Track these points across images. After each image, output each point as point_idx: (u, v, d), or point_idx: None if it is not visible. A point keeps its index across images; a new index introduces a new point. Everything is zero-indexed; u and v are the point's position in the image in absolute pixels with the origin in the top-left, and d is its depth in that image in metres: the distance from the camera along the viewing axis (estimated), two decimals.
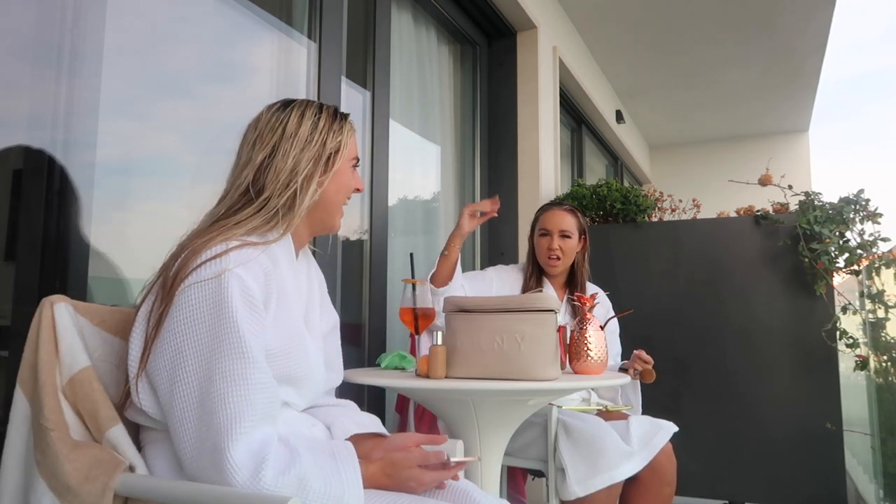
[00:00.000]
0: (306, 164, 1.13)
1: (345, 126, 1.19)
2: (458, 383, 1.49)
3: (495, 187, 3.49)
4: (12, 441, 1.02)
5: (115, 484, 0.93)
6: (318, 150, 1.14)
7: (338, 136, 1.17)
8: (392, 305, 2.55)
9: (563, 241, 2.21)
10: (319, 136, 1.15)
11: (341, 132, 1.18)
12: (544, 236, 2.24)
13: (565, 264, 2.25)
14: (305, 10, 2.25)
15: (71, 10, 1.47)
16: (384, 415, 2.49)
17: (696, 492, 2.86)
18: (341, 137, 1.17)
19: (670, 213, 3.32)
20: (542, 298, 1.55)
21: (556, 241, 2.21)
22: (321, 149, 1.14)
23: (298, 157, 1.12)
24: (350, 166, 1.21)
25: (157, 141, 1.75)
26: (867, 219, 2.69)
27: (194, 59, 1.89)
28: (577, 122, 4.97)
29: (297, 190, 1.11)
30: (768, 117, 6.39)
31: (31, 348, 1.03)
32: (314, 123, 1.16)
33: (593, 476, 1.79)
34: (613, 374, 1.78)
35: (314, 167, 1.13)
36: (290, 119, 1.14)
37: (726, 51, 4.78)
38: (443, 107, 3.19)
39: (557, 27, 3.97)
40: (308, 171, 1.12)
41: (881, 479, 2.78)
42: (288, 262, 1.14)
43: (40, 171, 1.41)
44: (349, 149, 1.20)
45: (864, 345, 2.72)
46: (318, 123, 1.16)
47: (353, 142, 1.22)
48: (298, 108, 1.16)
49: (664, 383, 2.96)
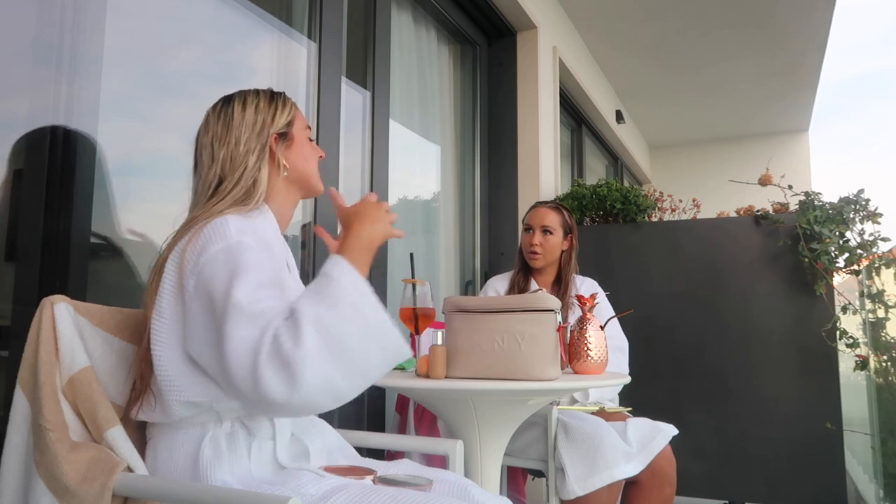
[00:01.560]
0: (256, 142, 1.21)
1: (287, 102, 1.28)
2: (458, 383, 1.49)
3: (495, 187, 3.49)
4: (12, 441, 1.02)
5: (114, 484, 0.93)
6: (268, 129, 1.22)
7: (283, 111, 1.25)
8: (392, 305, 2.56)
9: (544, 237, 2.29)
10: (265, 117, 1.23)
11: (285, 107, 1.26)
12: (527, 231, 2.33)
13: (547, 260, 2.30)
14: (305, 10, 2.25)
15: (71, 10, 1.47)
16: (384, 415, 2.50)
17: (696, 492, 2.86)
18: (287, 111, 1.26)
19: (670, 213, 3.32)
20: (542, 298, 1.55)
21: (538, 236, 2.29)
22: (271, 127, 1.23)
23: (253, 142, 1.21)
24: (306, 136, 1.29)
25: (157, 141, 1.75)
26: (867, 219, 2.69)
27: (194, 60, 1.89)
28: (577, 122, 4.97)
29: (260, 167, 1.20)
30: (768, 117, 6.39)
31: (31, 348, 1.03)
32: (256, 107, 1.24)
33: (592, 475, 1.79)
34: (613, 375, 1.78)
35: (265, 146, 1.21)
36: (235, 111, 1.22)
37: (726, 51, 4.78)
38: (443, 107, 3.19)
39: (557, 27, 3.97)
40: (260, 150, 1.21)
41: (881, 479, 2.78)
42: (274, 233, 1.21)
43: (40, 171, 1.41)
44: (299, 119, 1.29)
45: (864, 345, 2.72)
46: (258, 106, 1.24)
47: (300, 113, 1.30)
48: (239, 99, 1.24)
49: (664, 383, 2.97)
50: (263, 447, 1.11)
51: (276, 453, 1.12)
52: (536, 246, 2.28)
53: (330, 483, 1.07)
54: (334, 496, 1.01)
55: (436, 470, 1.25)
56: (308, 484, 1.04)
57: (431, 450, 1.51)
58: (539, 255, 2.28)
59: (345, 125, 2.35)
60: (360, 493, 1.02)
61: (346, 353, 0.93)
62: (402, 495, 1.01)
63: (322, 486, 1.05)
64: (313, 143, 1.32)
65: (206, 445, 1.05)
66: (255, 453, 1.09)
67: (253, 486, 1.03)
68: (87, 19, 1.49)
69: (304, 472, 1.09)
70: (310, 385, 0.90)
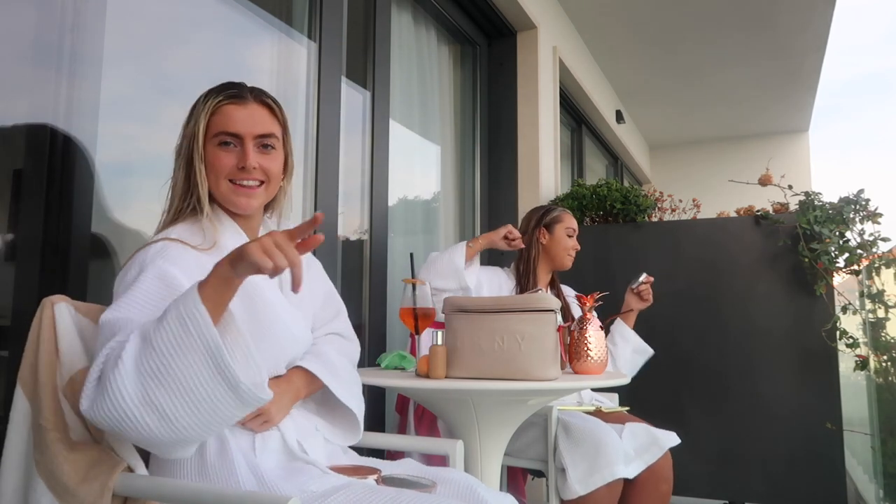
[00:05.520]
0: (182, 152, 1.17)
1: (207, 104, 1.15)
2: (458, 383, 1.48)
3: (495, 187, 3.49)
4: (12, 441, 1.02)
5: (114, 484, 0.93)
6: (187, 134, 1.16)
7: (196, 115, 1.15)
8: (392, 305, 2.55)
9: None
10: (189, 123, 1.17)
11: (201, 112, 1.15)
12: (571, 236, 2.34)
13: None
14: (305, 10, 2.25)
15: (71, 11, 1.46)
16: (384, 415, 2.50)
17: (696, 492, 2.86)
18: (198, 117, 1.15)
19: (670, 214, 3.32)
20: (542, 298, 1.55)
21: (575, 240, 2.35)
22: (190, 132, 1.15)
23: (179, 145, 1.18)
24: (215, 144, 1.15)
25: (157, 142, 1.75)
26: (867, 219, 2.68)
27: (194, 60, 1.89)
28: (577, 122, 4.97)
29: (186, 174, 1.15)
30: (768, 117, 6.39)
31: (32, 348, 1.03)
32: (192, 108, 1.18)
33: (593, 474, 1.79)
34: (613, 375, 1.78)
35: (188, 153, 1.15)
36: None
37: (726, 51, 4.78)
38: (443, 107, 3.19)
39: (557, 27, 3.97)
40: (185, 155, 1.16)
41: (881, 479, 2.78)
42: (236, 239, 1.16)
43: (40, 171, 1.41)
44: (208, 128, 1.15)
45: (864, 345, 2.71)
46: (192, 109, 1.18)
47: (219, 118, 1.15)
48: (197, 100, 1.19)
49: (664, 383, 2.97)
50: (268, 437, 1.12)
51: (287, 441, 1.12)
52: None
53: (332, 481, 1.07)
54: (336, 494, 1.02)
55: (441, 469, 1.25)
56: (311, 481, 1.05)
57: (431, 450, 1.51)
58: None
59: (345, 125, 2.34)
60: (361, 492, 1.02)
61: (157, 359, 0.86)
62: (402, 496, 1.01)
63: (324, 483, 1.06)
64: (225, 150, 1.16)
65: (210, 440, 1.05)
66: (260, 444, 1.10)
67: (259, 477, 1.04)
68: (87, 19, 1.49)
69: (310, 468, 1.10)
70: (118, 394, 0.85)
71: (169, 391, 0.84)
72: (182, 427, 0.86)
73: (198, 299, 0.86)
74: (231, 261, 0.88)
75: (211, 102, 1.15)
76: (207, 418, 0.87)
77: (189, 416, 0.85)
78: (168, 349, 0.85)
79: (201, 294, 0.86)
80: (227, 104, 1.15)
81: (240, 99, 1.16)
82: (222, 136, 1.15)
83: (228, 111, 1.15)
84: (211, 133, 1.15)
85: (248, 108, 1.16)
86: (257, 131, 1.16)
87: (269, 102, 1.20)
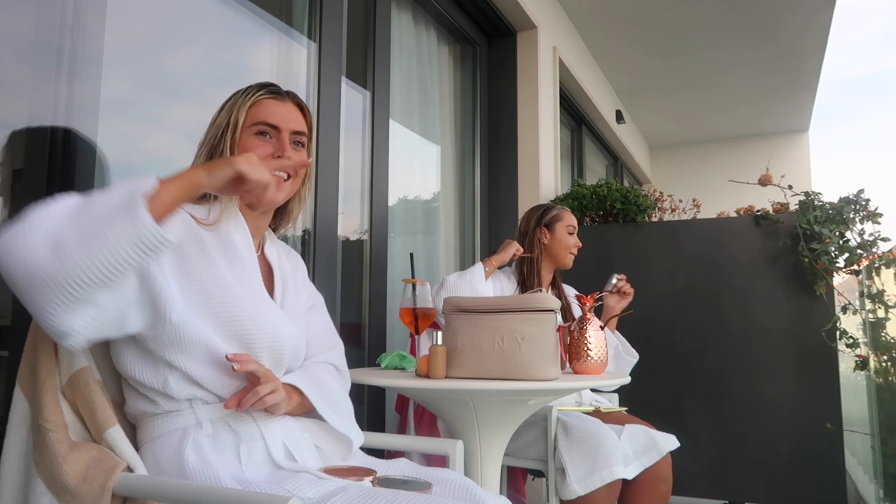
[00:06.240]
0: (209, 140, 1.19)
1: (248, 97, 1.20)
2: (458, 383, 1.48)
3: (495, 187, 3.49)
4: (12, 441, 1.02)
5: (114, 484, 0.93)
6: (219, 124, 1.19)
7: (235, 107, 1.20)
8: (392, 305, 2.55)
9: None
10: (221, 114, 1.21)
11: (241, 103, 1.19)
12: (571, 234, 2.34)
13: None
14: (305, 10, 2.25)
15: (71, 11, 1.47)
16: (384, 415, 2.50)
17: (696, 492, 2.86)
18: (237, 107, 1.19)
19: (670, 213, 3.32)
20: (542, 298, 1.55)
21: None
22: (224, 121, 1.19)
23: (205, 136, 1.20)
24: (252, 133, 1.19)
25: (157, 142, 1.75)
26: (867, 219, 2.68)
27: (194, 60, 1.89)
28: (577, 122, 4.97)
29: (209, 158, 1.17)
30: (768, 117, 6.39)
31: (31, 348, 1.03)
32: (225, 103, 1.22)
33: (592, 474, 1.79)
34: (613, 375, 1.78)
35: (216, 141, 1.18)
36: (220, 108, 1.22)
37: (726, 51, 4.78)
38: (443, 107, 3.19)
39: (557, 27, 3.97)
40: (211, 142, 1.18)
41: (881, 479, 2.78)
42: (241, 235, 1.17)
43: (40, 171, 1.41)
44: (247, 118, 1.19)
45: (864, 345, 2.71)
46: (227, 103, 1.22)
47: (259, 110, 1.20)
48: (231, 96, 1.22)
49: (664, 383, 2.97)
50: (253, 448, 1.08)
51: (271, 453, 1.10)
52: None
53: (328, 486, 1.05)
54: (332, 499, 0.99)
55: (437, 469, 1.24)
56: (306, 486, 1.03)
57: (431, 450, 1.50)
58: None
59: (345, 125, 2.35)
60: (357, 495, 1.00)
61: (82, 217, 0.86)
62: (399, 498, 1.00)
63: (320, 488, 1.03)
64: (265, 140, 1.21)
65: (188, 451, 1.03)
66: (246, 455, 1.07)
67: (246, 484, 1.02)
68: (87, 19, 1.49)
69: (302, 475, 1.07)
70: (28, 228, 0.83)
71: (77, 231, 0.84)
72: (69, 259, 0.82)
73: (153, 178, 0.89)
74: (211, 166, 0.93)
75: (252, 95, 1.21)
76: (98, 245, 0.83)
77: (80, 248, 0.83)
78: (101, 208, 0.86)
79: (160, 179, 0.90)
80: (267, 98, 1.22)
81: (279, 95, 1.23)
82: (261, 125, 1.20)
83: (269, 104, 1.21)
84: (248, 122, 1.20)
85: (286, 105, 1.23)
86: (293, 127, 1.22)
87: (302, 105, 1.27)
